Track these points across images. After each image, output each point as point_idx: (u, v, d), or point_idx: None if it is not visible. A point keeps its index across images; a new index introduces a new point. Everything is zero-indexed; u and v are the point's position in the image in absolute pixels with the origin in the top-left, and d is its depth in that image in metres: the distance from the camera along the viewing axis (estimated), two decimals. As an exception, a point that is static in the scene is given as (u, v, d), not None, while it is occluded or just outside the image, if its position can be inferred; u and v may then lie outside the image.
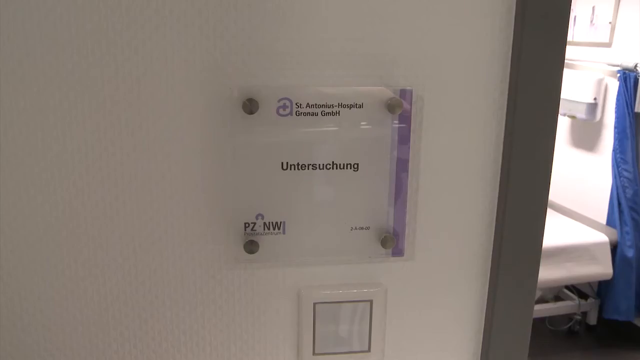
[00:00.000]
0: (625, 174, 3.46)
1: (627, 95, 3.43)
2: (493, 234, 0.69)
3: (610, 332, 3.64)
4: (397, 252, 0.66)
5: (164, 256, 0.65)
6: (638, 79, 3.39)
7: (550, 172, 0.67)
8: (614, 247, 3.48)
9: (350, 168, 0.63)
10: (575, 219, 3.73)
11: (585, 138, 3.96)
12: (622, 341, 3.57)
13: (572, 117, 3.93)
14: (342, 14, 0.61)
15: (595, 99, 3.72)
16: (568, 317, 3.67)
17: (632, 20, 3.52)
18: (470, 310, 0.72)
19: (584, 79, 3.78)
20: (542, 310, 3.60)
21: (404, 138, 0.63)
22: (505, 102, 0.66)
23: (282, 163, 0.62)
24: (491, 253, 0.70)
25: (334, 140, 0.62)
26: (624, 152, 3.47)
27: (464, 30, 0.63)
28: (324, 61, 0.62)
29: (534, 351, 3.44)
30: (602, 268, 3.45)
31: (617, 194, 3.50)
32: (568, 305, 3.64)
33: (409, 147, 0.63)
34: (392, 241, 0.65)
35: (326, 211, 0.64)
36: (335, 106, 0.61)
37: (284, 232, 0.64)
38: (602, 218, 3.67)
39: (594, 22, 3.79)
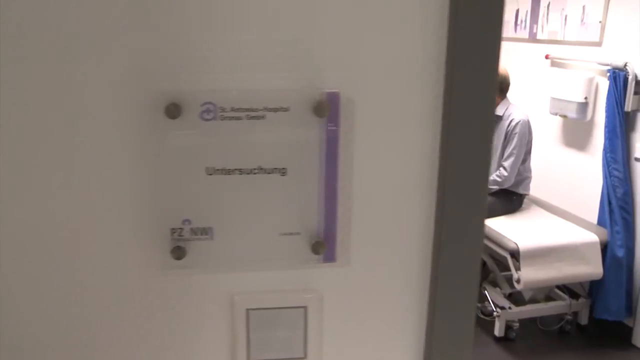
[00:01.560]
0: (616, 173, 3.44)
1: (617, 95, 3.41)
2: (432, 239, 0.68)
3: (601, 331, 3.63)
4: (329, 258, 0.65)
5: (91, 263, 0.64)
6: (627, 78, 3.38)
7: (488, 173, 0.66)
8: (605, 247, 3.47)
9: (278, 172, 0.62)
10: (567, 219, 3.72)
11: (577, 137, 3.94)
12: (613, 341, 3.55)
13: (564, 116, 3.91)
14: (268, 16, 0.60)
15: (586, 98, 3.70)
16: (559, 317, 3.65)
17: (622, 20, 3.51)
18: (411, 317, 0.71)
19: (574, 78, 3.76)
20: (533, 310, 3.59)
21: (332, 141, 0.62)
22: (441, 104, 0.64)
23: (208, 168, 0.61)
24: (430, 258, 0.69)
25: (260, 144, 0.61)
26: (614, 152, 3.45)
27: (395, 31, 0.62)
28: (249, 64, 0.61)
29: (525, 351, 3.42)
30: (592, 268, 3.43)
31: (608, 193, 3.48)
32: (559, 305, 3.63)
33: (338, 151, 0.62)
34: (323, 247, 0.64)
35: (254, 216, 0.63)
36: (260, 110, 0.60)
37: (212, 238, 0.63)
38: (594, 218, 3.65)
39: (584, 21, 3.77)
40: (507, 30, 4.53)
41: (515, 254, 3.33)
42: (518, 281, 3.33)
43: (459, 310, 0.70)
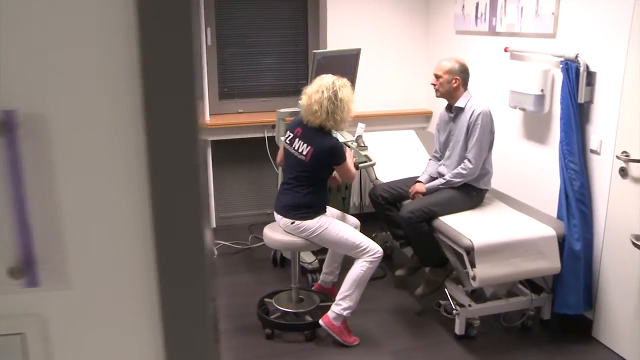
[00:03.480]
0: (572, 165, 3.40)
1: (570, 86, 3.37)
2: (153, 258, 0.65)
3: (563, 326, 3.59)
4: (31, 282, 0.62)
5: None
6: (579, 69, 3.33)
7: (199, 178, 0.62)
8: (564, 241, 3.42)
9: (-39, 196, 0.59)
10: (527, 213, 3.68)
11: (536, 130, 3.90)
12: (575, 335, 3.52)
13: (522, 109, 3.87)
14: None
15: (542, 90, 3.66)
16: (522, 313, 3.61)
17: (574, 10, 3.46)
18: (145, 339, 0.68)
19: (530, 70, 3.72)
20: (493, 307, 3.55)
21: (14, 162, 0.59)
22: (141, 116, 0.61)
23: None
24: (155, 277, 0.66)
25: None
26: (570, 144, 3.41)
27: (81, 43, 0.59)
28: None
29: (486, 349, 3.39)
30: (550, 263, 3.39)
31: (565, 186, 3.44)
32: (521, 301, 3.59)
33: (22, 172, 0.59)
34: (20, 272, 0.61)
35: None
36: None
37: None
38: (555, 211, 3.61)
39: (538, 12, 3.73)
40: (469, 23, 4.49)
41: (470, 251, 3.29)
42: (474, 278, 3.29)
43: (192, 326, 0.67)
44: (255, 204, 5.28)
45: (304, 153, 3.34)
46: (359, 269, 3.36)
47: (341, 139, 4.14)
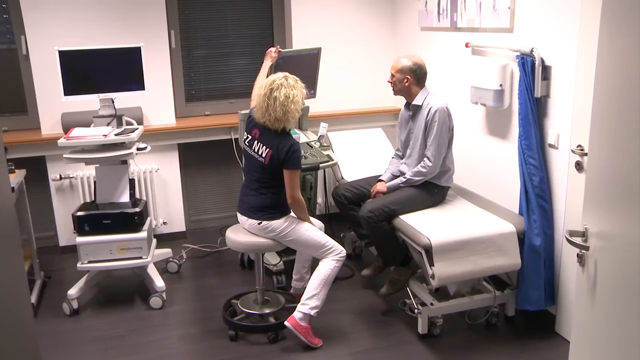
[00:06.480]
0: (531, 160, 3.37)
1: (526, 81, 3.35)
2: None
3: (527, 322, 3.58)
4: None
5: None
6: (535, 64, 3.31)
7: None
8: (524, 237, 3.40)
9: None
10: (489, 210, 3.65)
11: (497, 126, 3.88)
12: (538, 330, 3.50)
13: (483, 105, 3.84)
14: None
15: (501, 85, 3.63)
16: (487, 310, 3.59)
17: (529, 4, 3.44)
18: None
19: (489, 65, 3.69)
20: (456, 305, 3.53)
21: None
22: None
23: None
24: None
25: None
26: (529, 139, 3.38)
27: None
28: None
29: (448, 347, 3.36)
30: (510, 259, 3.37)
31: (524, 181, 3.41)
32: (484, 298, 3.56)
33: None
34: None
35: None
36: None
37: None
38: (517, 207, 3.58)
39: (495, 7, 3.71)
40: (432, 19, 4.47)
41: (428, 249, 3.26)
42: (433, 277, 3.26)
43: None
44: (226, 206, 5.26)
45: (264, 155, 3.30)
46: (326, 267, 3.37)
47: (304, 139, 4.11)
